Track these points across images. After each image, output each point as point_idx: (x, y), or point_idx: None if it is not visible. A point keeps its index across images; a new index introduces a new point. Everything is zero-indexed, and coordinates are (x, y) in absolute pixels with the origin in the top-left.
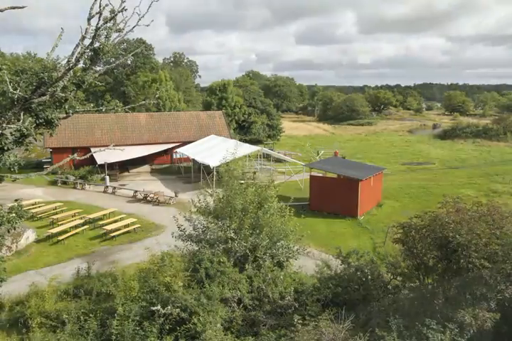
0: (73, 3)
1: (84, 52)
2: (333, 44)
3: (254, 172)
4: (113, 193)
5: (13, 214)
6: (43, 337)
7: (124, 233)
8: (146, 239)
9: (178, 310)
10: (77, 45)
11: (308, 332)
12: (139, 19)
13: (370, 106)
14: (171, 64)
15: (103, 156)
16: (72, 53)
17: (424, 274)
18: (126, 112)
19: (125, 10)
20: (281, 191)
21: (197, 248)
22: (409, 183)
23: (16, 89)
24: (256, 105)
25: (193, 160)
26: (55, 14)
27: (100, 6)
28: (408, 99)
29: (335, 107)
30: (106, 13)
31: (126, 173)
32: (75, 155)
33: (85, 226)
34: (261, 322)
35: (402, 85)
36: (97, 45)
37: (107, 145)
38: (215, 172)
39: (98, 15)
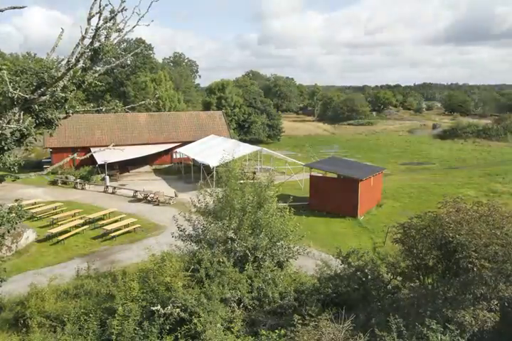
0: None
1: (84, 52)
2: None
3: (254, 172)
4: (113, 193)
5: (13, 214)
6: (43, 337)
7: (124, 233)
8: (146, 239)
9: (178, 310)
10: (77, 45)
11: (308, 332)
12: (139, 19)
13: (370, 106)
14: (171, 64)
15: (103, 156)
16: (72, 53)
17: (424, 274)
18: (126, 112)
19: (125, 10)
20: (281, 191)
21: (197, 248)
22: (409, 183)
23: (15, 89)
24: (256, 105)
25: (193, 160)
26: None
27: (100, 6)
28: (408, 99)
29: (335, 107)
30: (106, 13)
31: (126, 173)
32: (75, 155)
33: (85, 226)
34: (261, 322)
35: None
36: (97, 45)
37: (107, 145)
38: (215, 173)
39: (98, 15)
